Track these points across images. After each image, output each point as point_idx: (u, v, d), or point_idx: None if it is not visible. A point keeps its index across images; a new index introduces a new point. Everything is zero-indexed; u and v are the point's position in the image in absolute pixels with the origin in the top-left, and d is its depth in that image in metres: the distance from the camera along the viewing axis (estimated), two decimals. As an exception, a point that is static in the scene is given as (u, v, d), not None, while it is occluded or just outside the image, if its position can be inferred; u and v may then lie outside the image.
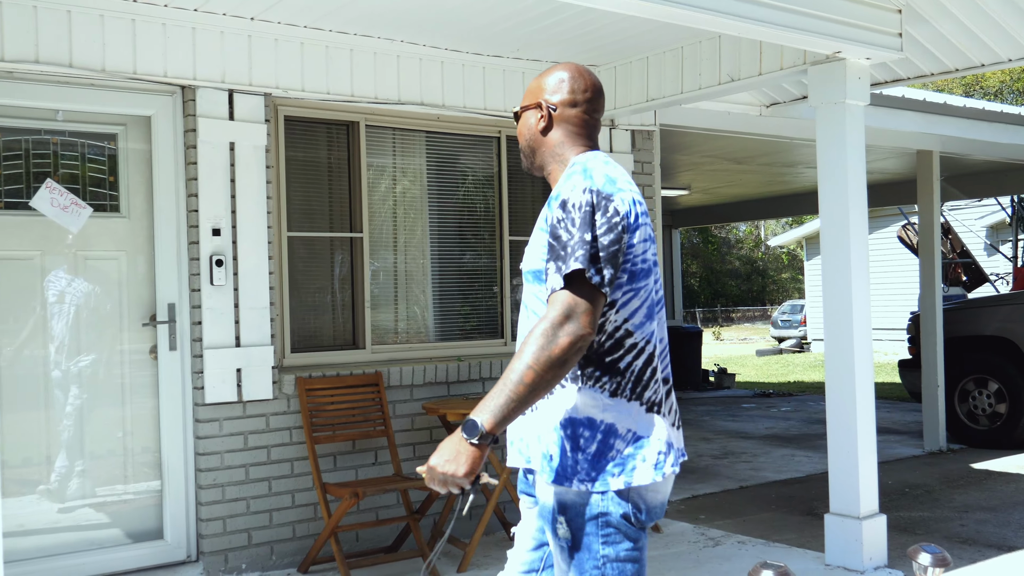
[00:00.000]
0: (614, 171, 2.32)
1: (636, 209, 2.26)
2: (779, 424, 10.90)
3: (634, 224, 2.24)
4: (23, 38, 4.39)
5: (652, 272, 2.30)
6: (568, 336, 2.11)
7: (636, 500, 2.23)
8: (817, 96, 5.02)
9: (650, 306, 2.30)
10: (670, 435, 2.30)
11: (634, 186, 2.34)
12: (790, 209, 14.87)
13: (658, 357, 2.32)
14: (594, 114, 2.47)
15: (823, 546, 5.20)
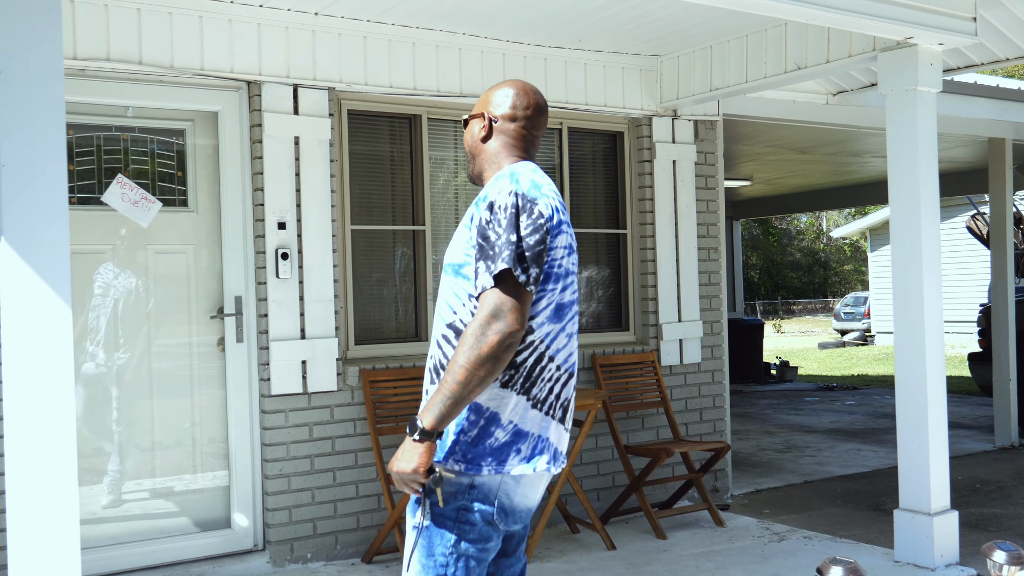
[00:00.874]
0: (540, 179, 2.45)
1: (558, 216, 2.40)
2: (843, 418, 10.72)
3: (556, 229, 2.37)
4: (94, 36, 4.47)
5: (563, 279, 2.42)
6: (496, 334, 2.24)
7: (502, 499, 2.34)
8: (887, 83, 4.90)
9: (555, 309, 2.41)
10: (552, 434, 2.40)
11: (558, 197, 2.47)
12: (854, 199, 14.59)
13: (555, 359, 2.42)
14: (533, 130, 2.61)
15: (891, 542, 5.10)
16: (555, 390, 2.42)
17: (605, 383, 5.88)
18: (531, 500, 2.42)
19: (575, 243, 2.51)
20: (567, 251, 2.43)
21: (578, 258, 2.53)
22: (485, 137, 2.59)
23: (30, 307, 2.60)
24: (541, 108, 2.62)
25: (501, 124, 2.58)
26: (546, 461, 2.38)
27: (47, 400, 2.61)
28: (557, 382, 2.43)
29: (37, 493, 2.59)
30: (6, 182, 2.58)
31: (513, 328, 2.25)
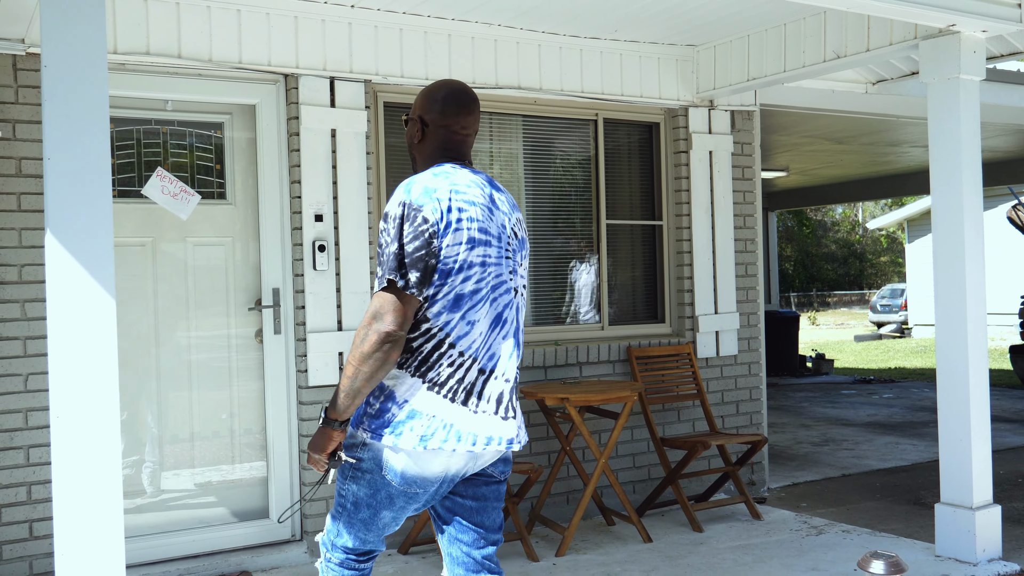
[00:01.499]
0: (437, 183, 2.60)
1: (452, 216, 2.55)
2: (881, 411, 10.62)
3: (445, 230, 2.53)
4: (134, 31, 4.52)
5: (465, 271, 2.57)
6: (375, 334, 2.48)
7: (395, 465, 2.58)
8: (929, 72, 4.83)
9: (454, 300, 2.57)
10: (452, 416, 2.57)
11: (466, 193, 2.61)
12: (892, 190, 14.42)
13: (456, 346, 2.58)
14: (462, 130, 2.78)
15: (932, 536, 5.05)
16: (457, 375, 2.58)
17: (641, 375, 5.86)
18: (430, 472, 2.59)
19: (499, 233, 2.66)
20: (469, 245, 2.57)
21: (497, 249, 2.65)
22: (420, 140, 2.80)
23: (75, 299, 2.63)
24: (468, 106, 2.78)
25: (432, 128, 2.77)
26: (441, 440, 2.55)
27: (92, 391, 2.64)
28: (459, 368, 2.59)
29: (83, 483, 2.63)
30: (51, 175, 2.61)
31: (389, 328, 2.47)
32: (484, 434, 2.61)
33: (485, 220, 2.63)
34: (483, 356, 2.62)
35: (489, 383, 2.63)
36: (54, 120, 2.61)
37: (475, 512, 2.75)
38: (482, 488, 2.74)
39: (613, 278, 6.14)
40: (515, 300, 2.72)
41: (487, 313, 2.62)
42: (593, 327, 6.02)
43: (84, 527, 2.62)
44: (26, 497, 4.35)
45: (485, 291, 2.61)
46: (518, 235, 2.75)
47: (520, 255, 2.77)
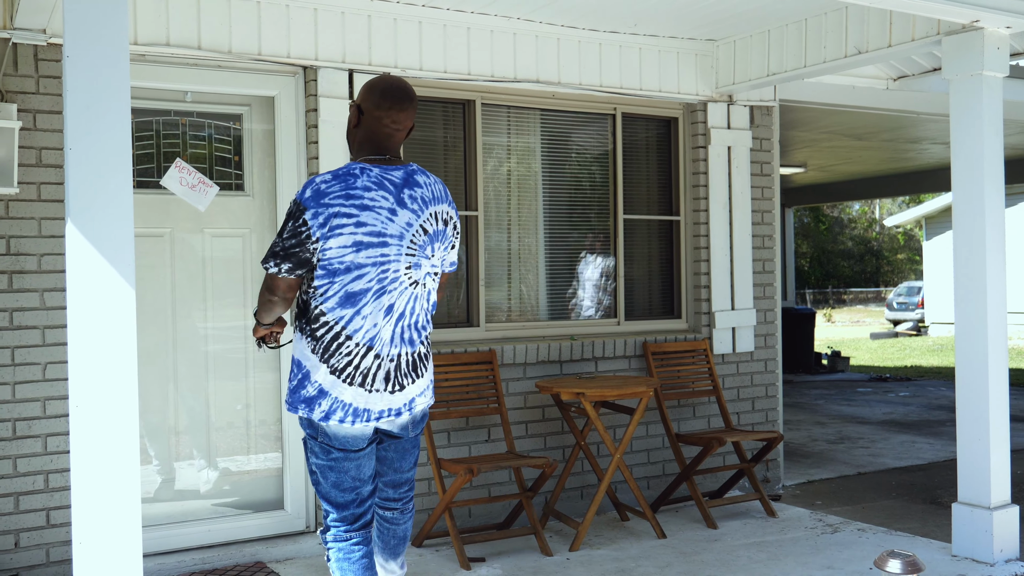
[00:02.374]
0: (332, 187, 2.92)
1: (336, 221, 2.89)
2: (897, 409, 10.56)
3: (326, 235, 2.90)
4: (155, 22, 4.53)
5: (355, 270, 2.93)
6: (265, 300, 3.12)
7: (324, 429, 3.07)
8: (952, 68, 4.79)
9: (345, 297, 2.95)
10: (348, 396, 3.01)
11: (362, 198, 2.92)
12: (911, 187, 14.33)
13: (352, 337, 2.97)
14: (392, 124, 3.08)
15: (948, 536, 5.02)
16: (354, 362, 3.00)
17: (657, 371, 5.85)
18: (352, 432, 3.08)
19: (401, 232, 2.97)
20: (355, 248, 2.92)
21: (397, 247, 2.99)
22: (355, 125, 3.14)
23: (95, 288, 2.64)
24: (402, 103, 3.07)
25: (366, 116, 3.10)
26: (339, 419, 3.02)
27: (112, 381, 2.65)
28: (355, 355, 3.00)
29: (101, 472, 2.64)
30: (73, 164, 2.62)
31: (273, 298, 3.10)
32: (376, 408, 3.06)
33: (381, 223, 2.95)
34: (377, 344, 3.02)
35: (383, 365, 3.04)
36: (76, 110, 2.62)
37: (395, 460, 3.30)
38: (401, 443, 3.28)
39: (630, 273, 6.13)
40: (413, 291, 3.06)
41: (381, 306, 2.99)
42: (609, 322, 6.01)
43: (102, 516, 2.64)
44: (43, 485, 4.37)
45: (376, 287, 2.97)
46: (428, 231, 3.06)
47: (432, 248, 3.09)
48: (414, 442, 3.34)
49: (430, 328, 3.23)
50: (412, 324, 3.09)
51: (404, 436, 3.25)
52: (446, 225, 3.13)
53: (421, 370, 3.16)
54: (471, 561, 4.75)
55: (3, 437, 4.30)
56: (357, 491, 3.15)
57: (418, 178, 3.07)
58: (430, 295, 3.15)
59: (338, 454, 3.09)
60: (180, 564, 4.63)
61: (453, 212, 3.20)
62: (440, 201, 3.11)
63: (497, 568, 4.70)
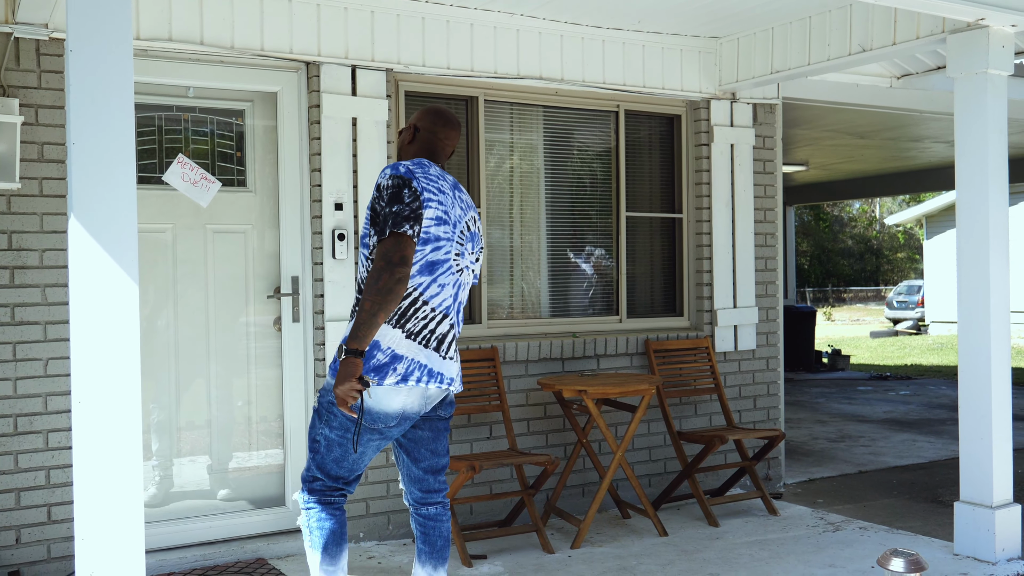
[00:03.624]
0: (416, 169, 3.21)
1: (426, 195, 3.15)
2: (898, 408, 10.56)
3: (423, 204, 3.14)
4: (157, 17, 4.51)
5: (434, 242, 3.18)
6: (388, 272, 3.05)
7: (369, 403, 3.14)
8: (956, 66, 4.78)
9: (428, 265, 3.18)
10: (429, 359, 3.20)
11: (436, 182, 3.22)
12: (912, 186, 14.31)
13: (429, 303, 3.20)
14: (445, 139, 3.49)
15: (950, 535, 5.02)
16: (430, 326, 3.22)
17: (659, 368, 5.84)
18: (391, 408, 3.19)
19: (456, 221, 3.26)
20: (436, 222, 3.18)
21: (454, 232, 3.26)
22: (410, 142, 3.48)
23: (98, 284, 2.63)
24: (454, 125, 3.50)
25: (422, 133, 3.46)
26: (416, 379, 3.18)
27: (114, 376, 2.64)
28: (431, 320, 3.22)
29: (104, 468, 2.63)
30: (76, 160, 2.60)
31: (403, 267, 3.07)
32: (448, 374, 3.28)
33: (449, 206, 3.24)
34: (452, 312, 3.29)
35: (453, 333, 3.30)
36: (79, 105, 2.60)
37: (429, 442, 3.42)
38: (435, 423, 3.42)
39: (632, 271, 6.12)
40: (460, 278, 3.32)
41: (453, 281, 3.27)
42: (611, 319, 6.00)
43: (104, 512, 2.63)
44: (45, 481, 4.37)
45: (445, 260, 3.23)
46: (471, 228, 3.37)
47: (471, 245, 3.36)
48: (447, 424, 3.48)
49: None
50: (458, 311, 3.36)
51: (433, 414, 3.39)
52: (479, 232, 3.46)
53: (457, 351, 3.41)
54: (473, 558, 4.74)
55: (4, 433, 4.29)
56: (353, 471, 3.36)
57: (460, 186, 3.44)
58: (464, 289, 3.39)
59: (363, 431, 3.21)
60: (182, 560, 4.62)
61: (481, 225, 3.50)
62: (475, 210, 3.45)
63: (499, 565, 4.70)
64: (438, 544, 3.46)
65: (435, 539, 3.46)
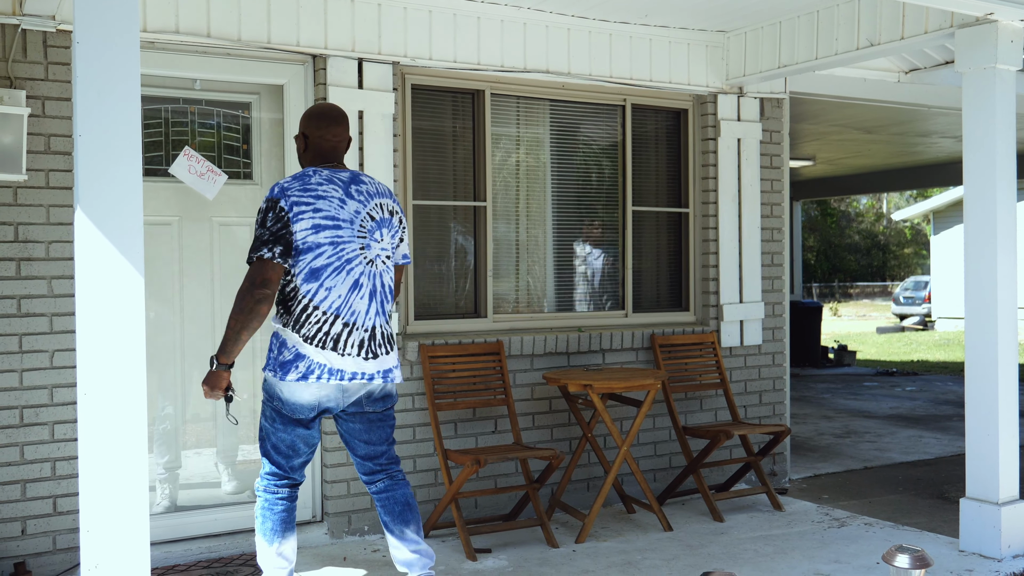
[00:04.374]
0: (291, 184, 3.51)
1: (298, 209, 3.44)
2: (904, 404, 10.54)
3: (293, 219, 3.43)
4: (164, 9, 4.51)
5: (314, 250, 3.44)
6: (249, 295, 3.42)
7: (281, 395, 3.54)
8: (965, 61, 4.75)
9: (311, 272, 3.45)
10: (327, 359, 3.47)
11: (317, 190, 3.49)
12: (919, 181, 14.28)
13: (319, 307, 3.46)
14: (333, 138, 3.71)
15: (956, 531, 5.01)
16: (323, 328, 3.48)
17: (664, 363, 5.83)
18: (304, 400, 3.52)
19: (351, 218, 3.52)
20: (314, 230, 3.44)
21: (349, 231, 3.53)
22: (304, 150, 3.74)
23: (104, 275, 2.63)
24: (336, 119, 3.71)
25: (311, 139, 3.70)
26: (316, 376, 3.47)
27: (120, 368, 2.65)
28: (323, 323, 3.48)
29: (109, 460, 2.63)
30: (83, 152, 2.60)
31: (264, 290, 3.41)
32: (349, 370, 3.51)
33: (334, 209, 3.49)
34: (345, 313, 3.49)
35: (355, 333, 3.51)
36: (86, 96, 2.60)
37: (364, 432, 3.69)
38: (368, 415, 3.67)
39: (638, 265, 6.11)
40: (372, 269, 3.57)
41: (345, 281, 3.48)
42: (617, 314, 5.99)
43: (110, 504, 2.63)
44: (50, 473, 4.38)
45: (335, 263, 3.47)
46: (375, 217, 3.59)
47: (381, 232, 3.61)
48: (382, 417, 3.72)
49: (391, 308, 3.72)
50: (381, 300, 3.61)
51: (359, 410, 3.65)
52: (392, 215, 3.68)
53: (391, 345, 3.65)
54: (477, 552, 4.74)
55: (10, 424, 4.30)
56: (289, 458, 3.65)
57: (362, 177, 3.67)
58: (382, 276, 3.63)
59: (281, 424, 3.59)
60: (187, 552, 4.63)
61: (397, 207, 3.74)
62: (384, 196, 3.68)
63: (503, 559, 4.70)
64: (396, 510, 3.71)
65: (391, 507, 3.72)
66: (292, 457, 3.65)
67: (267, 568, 3.67)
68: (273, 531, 3.64)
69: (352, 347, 3.51)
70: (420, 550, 3.70)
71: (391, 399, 3.72)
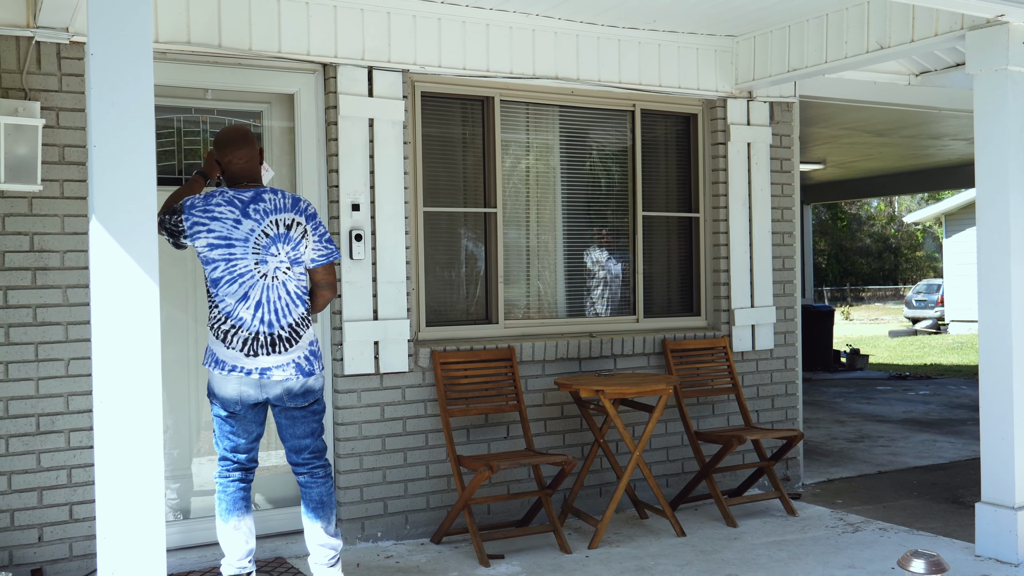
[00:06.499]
0: (195, 202, 3.91)
1: (194, 230, 3.85)
2: (917, 408, 10.49)
3: (191, 235, 3.87)
4: (175, 21, 4.54)
5: (212, 263, 3.85)
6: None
7: (211, 387, 3.97)
8: (976, 63, 4.75)
9: (212, 281, 3.87)
10: (226, 355, 3.88)
11: (214, 211, 3.86)
12: (931, 184, 14.22)
13: (218, 307, 3.88)
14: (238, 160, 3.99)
15: (971, 536, 4.99)
16: (215, 324, 3.89)
17: (676, 368, 5.83)
18: (228, 392, 3.92)
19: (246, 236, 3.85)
20: (209, 247, 3.84)
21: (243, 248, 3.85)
22: (221, 173, 4.08)
23: (119, 284, 2.65)
24: (236, 142, 4.00)
25: (223, 164, 4.02)
26: (220, 369, 3.89)
27: (135, 377, 2.66)
28: (218, 321, 3.89)
29: (125, 467, 2.65)
30: (97, 163, 2.63)
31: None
32: (231, 363, 3.88)
33: (227, 229, 3.85)
34: (233, 317, 3.87)
35: (240, 334, 3.87)
36: (100, 107, 2.63)
37: (287, 427, 4.04)
38: (291, 412, 4.02)
39: (648, 270, 6.11)
40: (264, 282, 3.88)
41: (235, 292, 3.86)
42: (628, 319, 6.00)
43: (126, 511, 2.65)
44: (67, 480, 4.40)
45: (227, 277, 3.85)
46: (269, 234, 3.89)
47: (277, 247, 3.89)
48: (304, 414, 4.04)
49: (294, 317, 3.93)
50: (272, 310, 3.90)
51: (283, 405, 3.98)
52: (288, 229, 3.93)
53: (280, 348, 3.92)
54: (490, 558, 4.75)
55: (27, 432, 4.33)
56: (232, 446, 4.02)
57: (265, 195, 3.94)
58: (285, 285, 3.93)
59: (218, 412, 3.98)
60: (201, 559, 4.65)
61: (300, 218, 3.97)
62: (283, 211, 3.94)
63: (516, 565, 4.70)
64: (310, 505, 4.09)
65: (308, 501, 4.10)
66: (234, 443, 4.02)
67: (226, 545, 4.05)
68: (232, 513, 4.04)
69: (236, 343, 3.87)
70: (324, 543, 4.10)
71: (312, 394, 4.03)
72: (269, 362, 3.91)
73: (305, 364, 3.98)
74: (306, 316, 4.01)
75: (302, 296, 3.99)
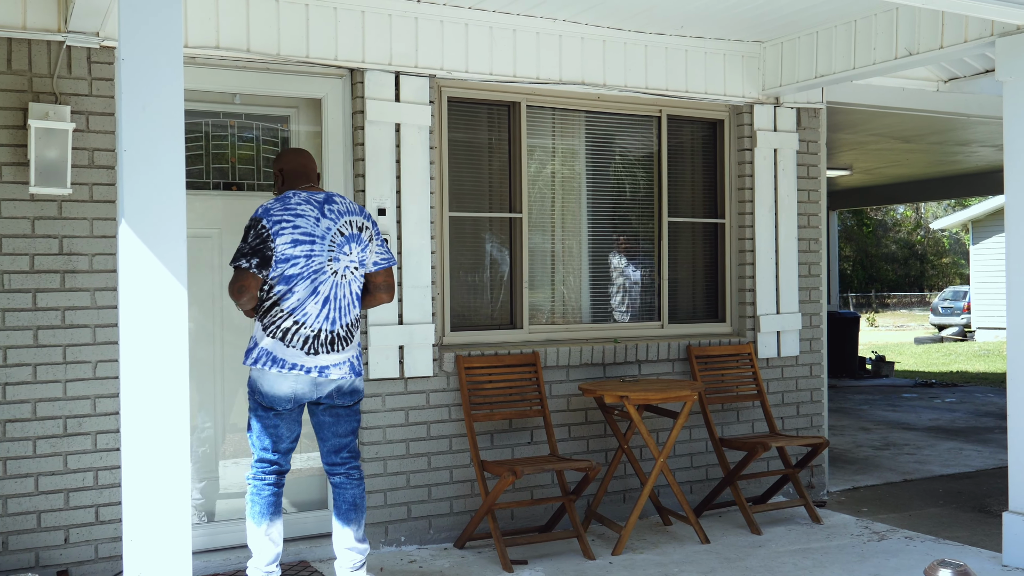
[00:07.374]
0: (274, 205, 3.97)
1: (279, 227, 3.89)
2: (944, 416, 10.40)
3: (276, 233, 3.89)
4: (204, 25, 4.58)
5: (292, 260, 3.90)
6: (231, 295, 3.95)
7: (259, 387, 3.98)
8: (1005, 70, 4.70)
9: (285, 277, 3.91)
10: (284, 353, 3.92)
11: (295, 209, 3.95)
12: (957, 190, 14.10)
13: (284, 308, 3.92)
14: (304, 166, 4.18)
15: (998, 545, 4.93)
16: (276, 323, 3.93)
17: (700, 374, 5.80)
18: (278, 390, 3.94)
19: (323, 235, 3.96)
20: (292, 244, 3.89)
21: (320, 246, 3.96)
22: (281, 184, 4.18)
23: (148, 288, 2.67)
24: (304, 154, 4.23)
25: (287, 172, 4.16)
26: (262, 364, 3.92)
27: (163, 380, 2.68)
28: (280, 318, 3.92)
29: (152, 470, 2.67)
30: (127, 166, 2.65)
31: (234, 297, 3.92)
32: (290, 361, 3.92)
33: (310, 225, 3.94)
34: (298, 313, 3.93)
35: (301, 331, 3.93)
36: (130, 112, 2.65)
37: (331, 425, 4.15)
38: (336, 410, 4.13)
39: (673, 276, 6.09)
40: (335, 279, 4.00)
41: (306, 286, 3.93)
42: (653, 325, 5.98)
43: (153, 514, 2.67)
44: (93, 482, 4.44)
45: (306, 273, 3.93)
46: (344, 233, 4.02)
47: (350, 247, 4.03)
48: (348, 412, 4.16)
49: (352, 316, 4.07)
50: (337, 308, 4.02)
51: (330, 403, 4.08)
52: (360, 231, 4.08)
53: (339, 347, 4.03)
54: (513, 563, 4.74)
55: (54, 434, 4.37)
56: (273, 446, 4.04)
57: (335, 198, 4.09)
58: (350, 285, 4.06)
59: (263, 412, 3.99)
60: (226, 562, 4.67)
61: (367, 222, 4.13)
62: (354, 214, 4.09)
63: (539, 571, 4.69)
64: (343, 508, 4.17)
65: (340, 503, 4.17)
66: (276, 443, 4.04)
67: (256, 549, 4.04)
68: (266, 516, 4.03)
69: (297, 341, 3.93)
70: (353, 547, 4.15)
71: (357, 394, 4.15)
72: (328, 360, 3.99)
73: (357, 364, 4.12)
74: (359, 318, 4.15)
75: (360, 298, 4.15)
